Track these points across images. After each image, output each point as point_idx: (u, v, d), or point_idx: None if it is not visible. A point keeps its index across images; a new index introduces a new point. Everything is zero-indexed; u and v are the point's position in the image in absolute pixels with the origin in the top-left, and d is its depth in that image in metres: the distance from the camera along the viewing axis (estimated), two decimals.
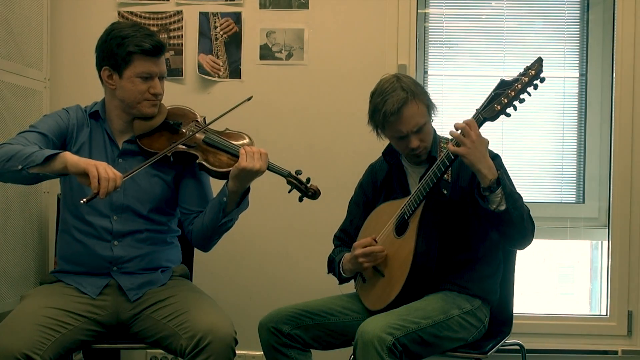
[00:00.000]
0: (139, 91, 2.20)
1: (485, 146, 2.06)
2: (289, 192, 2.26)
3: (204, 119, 2.33)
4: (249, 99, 2.26)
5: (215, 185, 2.31)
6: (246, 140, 2.29)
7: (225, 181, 2.20)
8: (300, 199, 2.27)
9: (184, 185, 2.31)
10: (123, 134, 2.28)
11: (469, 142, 2.02)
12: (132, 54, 2.16)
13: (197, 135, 2.25)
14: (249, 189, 2.23)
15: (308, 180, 2.25)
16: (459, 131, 2.05)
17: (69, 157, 2.01)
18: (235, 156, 2.19)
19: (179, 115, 2.33)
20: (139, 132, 2.24)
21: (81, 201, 1.99)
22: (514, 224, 2.09)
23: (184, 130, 2.28)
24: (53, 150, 2.06)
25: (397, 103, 2.17)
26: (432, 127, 2.29)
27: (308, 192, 2.25)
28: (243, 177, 2.15)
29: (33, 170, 2.01)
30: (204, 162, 2.20)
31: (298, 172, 2.25)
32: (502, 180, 2.06)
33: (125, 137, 2.28)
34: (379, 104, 2.21)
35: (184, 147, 2.21)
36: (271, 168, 2.21)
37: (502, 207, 2.06)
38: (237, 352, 2.10)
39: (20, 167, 2.00)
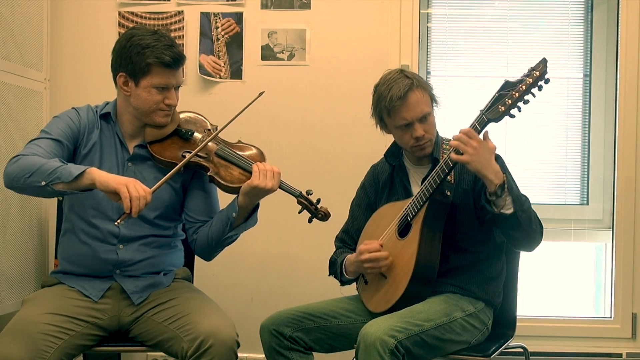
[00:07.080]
0: (154, 101, 2.17)
1: (490, 151, 2.04)
2: (299, 212, 2.28)
3: (216, 127, 2.31)
4: (260, 95, 2.23)
5: (222, 195, 2.29)
6: (259, 155, 2.28)
7: (234, 195, 2.20)
8: (310, 220, 2.29)
9: (191, 194, 2.30)
10: (134, 138, 2.26)
11: (471, 149, 2.01)
12: (151, 65, 2.13)
13: (210, 145, 2.23)
14: (258, 205, 2.23)
15: (318, 201, 2.27)
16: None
17: (97, 175, 1.99)
18: (248, 172, 2.19)
19: (191, 123, 2.31)
20: (150, 138, 2.22)
21: (115, 223, 2.00)
22: (522, 226, 2.08)
23: (197, 139, 2.26)
24: (78, 165, 2.03)
25: (402, 89, 2.18)
26: (435, 122, 2.28)
27: (318, 214, 2.26)
28: (254, 194, 2.15)
29: (58, 187, 1.98)
30: (214, 176, 2.18)
31: (309, 192, 2.26)
32: (509, 183, 2.05)
33: (135, 141, 2.26)
34: (384, 91, 2.22)
35: (196, 157, 2.19)
36: (283, 187, 2.22)
37: (509, 211, 2.05)
38: (238, 354, 2.09)
39: (44, 183, 1.96)
